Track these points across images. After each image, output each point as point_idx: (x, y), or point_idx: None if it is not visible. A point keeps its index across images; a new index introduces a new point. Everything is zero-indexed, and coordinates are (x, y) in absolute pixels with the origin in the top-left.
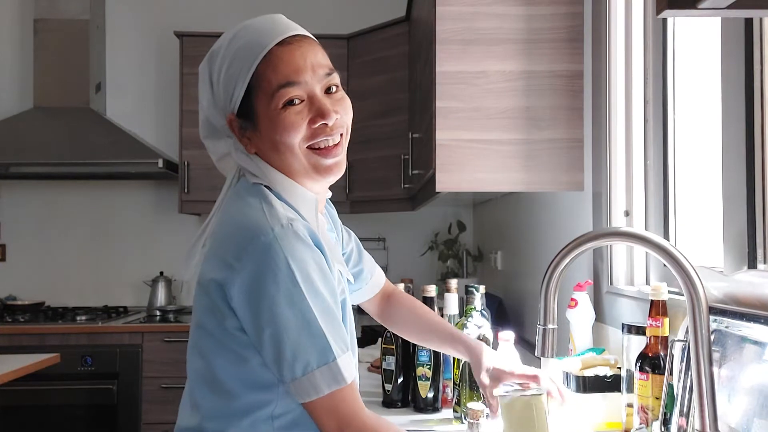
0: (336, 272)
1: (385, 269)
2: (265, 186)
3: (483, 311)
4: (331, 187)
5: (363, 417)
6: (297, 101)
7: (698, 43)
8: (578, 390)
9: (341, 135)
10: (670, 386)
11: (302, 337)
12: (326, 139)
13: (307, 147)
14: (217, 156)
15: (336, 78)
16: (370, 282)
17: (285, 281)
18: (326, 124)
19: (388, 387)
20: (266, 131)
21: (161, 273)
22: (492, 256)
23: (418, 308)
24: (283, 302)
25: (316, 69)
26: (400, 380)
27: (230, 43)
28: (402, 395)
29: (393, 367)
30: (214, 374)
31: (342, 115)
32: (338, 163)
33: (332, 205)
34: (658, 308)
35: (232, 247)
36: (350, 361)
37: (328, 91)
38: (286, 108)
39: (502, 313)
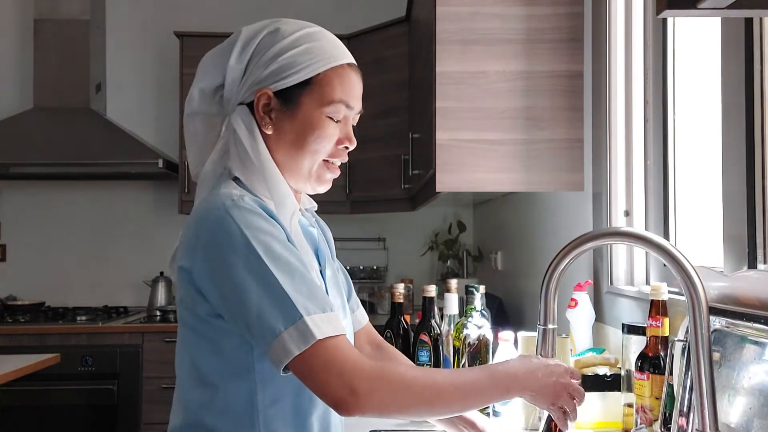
0: (306, 257)
1: (385, 269)
2: (233, 179)
3: (483, 311)
4: (331, 188)
5: (365, 363)
6: (338, 119)
7: (698, 43)
8: None
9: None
10: (670, 386)
11: (264, 302)
12: (340, 161)
13: (323, 159)
14: (197, 138)
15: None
16: (352, 316)
17: (240, 248)
18: (347, 148)
19: None
20: (301, 124)
21: (161, 273)
22: (492, 256)
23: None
24: (241, 269)
25: (360, 102)
26: None
27: (304, 35)
28: None
29: None
30: (197, 368)
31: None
32: (332, 180)
33: (327, 227)
34: (658, 308)
35: (190, 230)
36: (327, 320)
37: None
38: (328, 119)
39: (502, 313)
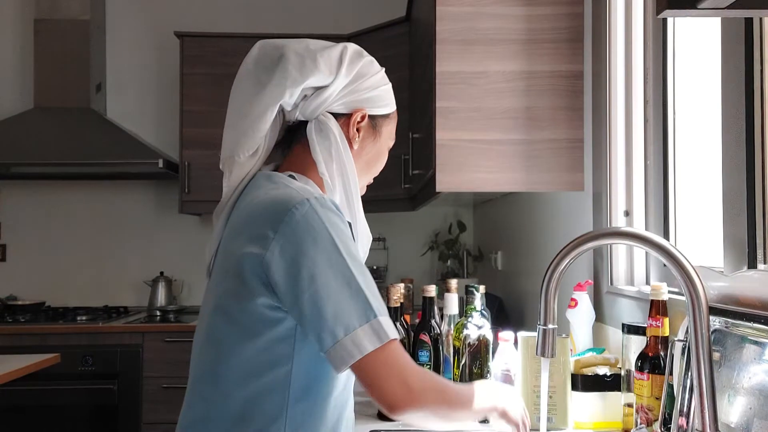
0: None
1: (385, 269)
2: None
3: (483, 311)
4: None
5: (417, 368)
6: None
7: (698, 43)
8: (578, 389)
9: None
10: (670, 386)
11: (342, 298)
12: None
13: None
14: (262, 125)
15: None
16: None
17: (325, 244)
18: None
19: None
20: (377, 149)
21: (161, 273)
22: (492, 256)
23: None
24: (323, 264)
25: None
26: None
27: (384, 74)
28: None
29: None
30: (225, 363)
31: None
32: None
33: None
34: (658, 308)
35: (267, 220)
36: (391, 323)
37: None
38: (388, 150)
39: (502, 313)
